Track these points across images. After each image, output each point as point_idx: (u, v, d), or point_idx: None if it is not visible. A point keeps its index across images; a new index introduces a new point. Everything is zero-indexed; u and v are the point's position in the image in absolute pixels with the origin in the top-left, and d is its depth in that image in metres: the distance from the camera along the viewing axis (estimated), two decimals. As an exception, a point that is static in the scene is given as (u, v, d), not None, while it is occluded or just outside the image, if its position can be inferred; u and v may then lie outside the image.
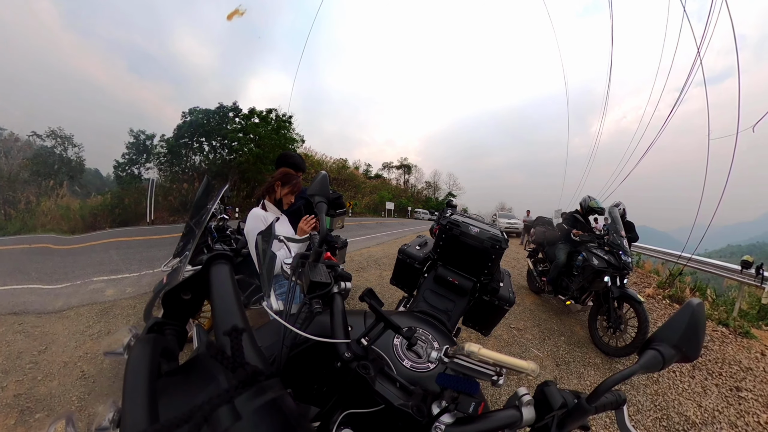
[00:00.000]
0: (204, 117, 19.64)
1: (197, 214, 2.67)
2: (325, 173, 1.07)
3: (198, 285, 0.58)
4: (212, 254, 0.60)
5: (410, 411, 0.58)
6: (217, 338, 0.49)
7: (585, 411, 0.56)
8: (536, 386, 0.60)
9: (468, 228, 1.80)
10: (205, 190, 2.84)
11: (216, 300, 0.53)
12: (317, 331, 0.70)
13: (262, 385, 0.43)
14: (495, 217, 20.78)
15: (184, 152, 19.11)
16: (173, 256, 2.74)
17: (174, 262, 2.68)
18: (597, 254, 4.17)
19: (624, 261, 3.94)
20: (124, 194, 14.76)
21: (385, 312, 0.70)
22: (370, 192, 39.94)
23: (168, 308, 0.57)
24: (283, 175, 2.13)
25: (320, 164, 33.96)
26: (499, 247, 1.74)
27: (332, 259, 0.95)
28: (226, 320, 0.50)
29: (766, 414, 2.95)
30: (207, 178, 2.85)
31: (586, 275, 4.22)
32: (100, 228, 11.47)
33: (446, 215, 2.02)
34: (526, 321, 4.76)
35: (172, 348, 0.50)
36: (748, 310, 5.45)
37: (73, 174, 14.76)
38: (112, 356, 0.49)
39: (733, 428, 2.75)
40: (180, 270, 2.45)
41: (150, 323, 0.54)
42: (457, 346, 0.58)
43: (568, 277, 4.67)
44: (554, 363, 3.64)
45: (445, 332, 1.08)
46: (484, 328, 2.11)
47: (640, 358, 0.59)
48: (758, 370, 3.70)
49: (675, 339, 0.57)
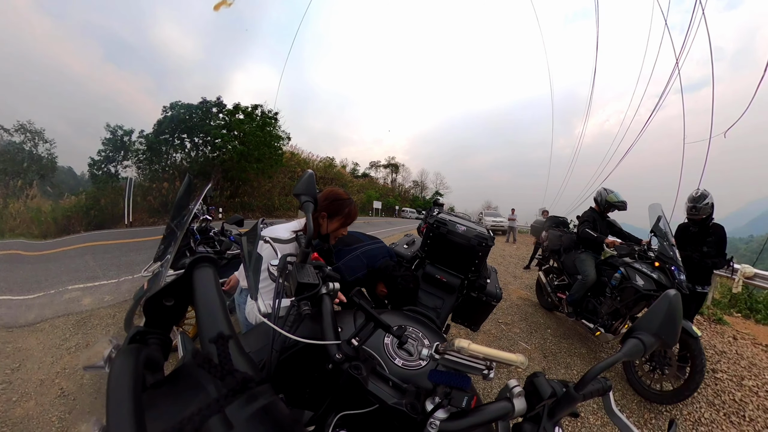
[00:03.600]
0: (186, 112, 18.75)
1: (178, 215, 2.57)
2: (312, 172, 1.06)
3: (181, 290, 0.56)
4: (195, 257, 0.58)
5: (404, 409, 0.58)
6: (203, 346, 0.47)
7: (573, 399, 0.58)
8: (526, 378, 0.62)
9: (455, 226, 1.82)
10: (187, 190, 2.72)
11: (200, 306, 0.52)
12: (307, 333, 0.69)
13: (253, 392, 0.42)
14: (481, 215, 21.08)
15: (165, 149, 18.22)
16: (154, 261, 2.63)
17: (155, 267, 2.58)
18: (641, 271, 3.20)
19: (678, 280, 2.98)
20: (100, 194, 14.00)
21: (374, 311, 0.70)
22: (357, 191, 39.81)
23: (150, 316, 0.55)
24: (330, 203, 1.50)
25: (306, 163, 33.54)
26: (486, 244, 1.78)
27: (319, 259, 0.94)
28: (212, 327, 0.48)
29: (740, 392, 3.16)
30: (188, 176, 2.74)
31: (626, 298, 3.23)
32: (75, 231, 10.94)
33: (433, 214, 2.04)
34: (514, 315, 4.87)
35: (156, 358, 0.48)
36: (720, 299, 5.80)
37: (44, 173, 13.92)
38: (92, 370, 0.47)
39: (711, 407, 2.93)
40: (161, 275, 2.36)
41: (131, 333, 0.52)
42: (448, 343, 0.59)
43: (595, 296, 3.64)
44: (542, 355, 3.74)
45: (434, 329, 1.09)
46: (473, 324, 2.15)
47: (623, 346, 0.63)
48: (731, 353, 3.95)
49: (654, 328, 0.61)
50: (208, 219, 3.29)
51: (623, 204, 3.97)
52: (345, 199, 1.53)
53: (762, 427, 2.75)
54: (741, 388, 3.29)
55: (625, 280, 3.30)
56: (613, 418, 0.63)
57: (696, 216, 3.51)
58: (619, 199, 3.97)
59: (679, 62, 9.01)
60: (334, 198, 1.52)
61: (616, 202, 3.96)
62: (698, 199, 3.51)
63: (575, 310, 3.88)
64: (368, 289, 1.83)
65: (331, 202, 1.51)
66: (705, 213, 3.47)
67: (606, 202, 4.00)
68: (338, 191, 1.57)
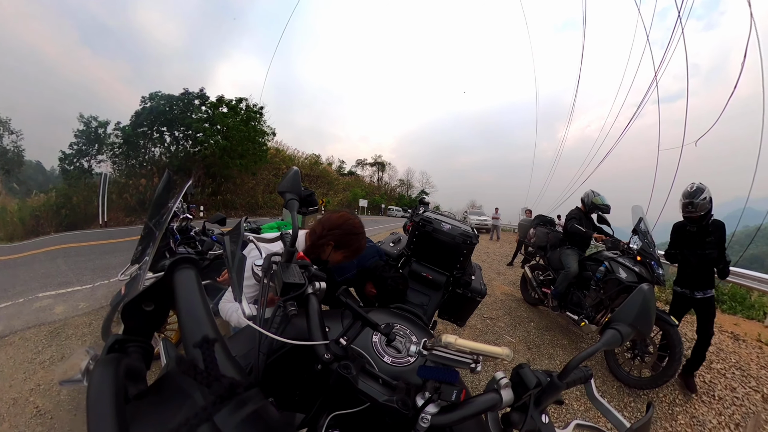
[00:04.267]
0: (166, 103, 17.73)
1: (157, 214, 2.45)
2: (297, 169, 1.04)
3: (161, 294, 0.54)
4: (175, 258, 0.56)
5: (396, 405, 0.59)
6: (187, 352, 0.46)
7: (558, 387, 0.61)
8: (512, 369, 0.64)
9: (440, 225, 1.84)
10: (166, 187, 2.59)
11: (182, 309, 0.50)
12: (294, 334, 0.68)
13: (242, 397, 0.40)
14: (466, 214, 21.48)
15: (143, 143, 17.23)
16: (131, 263, 2.51)
17: (132, 270, 2.47)
18: (624, 264, 3.48)
19: (657, 274, 3.33)
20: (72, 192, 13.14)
21: (361, 310, 0.70)
22: (343, 189, 39.52)
23: (129, 323, 0.52)
24: (342, 234, 1.37)
25: (292, 160, 32.98)
26: (470, 242, 1.81)
27: (305, 258, 0.93)
28: (195, 331, 0.47)
29: (709, 375, 3.46)
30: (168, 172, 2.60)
31: (609, 290, 3.50)
32: (44, 233, 10.33)
33: (419, 213, 2.06)
34: (498, 310, 5.00)
35: (137, 367, 0.46)
36: None
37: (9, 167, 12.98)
38: (69, 385, 0.44)
39: (683, 389, 3.17)
40: (139, 278, 2.26)
41: (110, 342, 0.49)
42: (435, 339, 0.59)
43: (579, 290, 3.89)
44: (526, 347, 3.87)
45: (422, 326, 1.11)
46: (459, 320, 2.19)
47: (602, 337, 0.66)
48: None
49: (630, 319, 0.66)
50: (188, 218, 3.17)
51: (607, 207, 4.22)
52: (359, 234, 1.40)
53: (730, 404, 3.01)
54: (710, 371, 3.56)
55: (609, 273, 3.53)
56: (595, 403, 0.67)
57: (693, 213, 3.08)
58: (604, 202, 4.21)
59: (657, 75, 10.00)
60: (349, 231, 1.38)
61: (601, 204, 4.20)
62: (694, 194, 3.10)
63: (560, 303, 4.05)
64: (356, 289, 1.83)
65: (344, 234, 1.36)
66: (703, 209, 3.04)
67: (592, 204, 4.24)
68: (355, 223, 1.41)
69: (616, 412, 0.63)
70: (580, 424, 0.66)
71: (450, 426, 0.59)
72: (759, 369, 3.79)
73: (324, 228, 1.38)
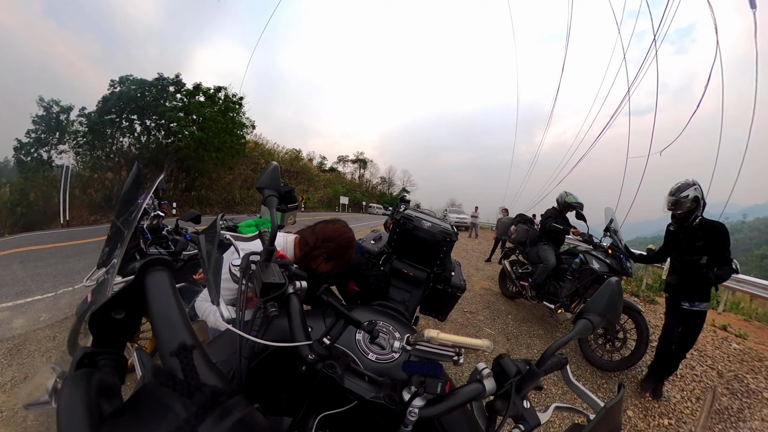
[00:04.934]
0: (138, 89, 16.21)
1: (125, 212, 2.26)
2: (277, 164, 0.99)
3: (132, 300, 0.50)
4: (146, 260, 0.52)
5: (383, 401, 0.59)
6: (163, 361, 0.43)
7: (536, 374, 0.64)
8: (493, 360, 0.66)
9: (421, 222, 1.87)
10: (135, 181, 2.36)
11: (156, 315, 0.47)
12: (276, 336, 0.67)
13: (226, 405, 0.39)
14: (446, 212, 21.93)
15: (110, 132, 15.67)
16: (98, 267, 2.30)
17: (99, 274, 2.27)
18: (597, 257, 3.82)
19: (626, 266, 3.67)
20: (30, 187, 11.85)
21: (344, 308, 0.70)
22: (324, 186, 38.77)
23: (98, 333, 0.48)
24: (336, 247, 1.35)
25: (271, 154, 31.76)
26: (450, 239, 1.85)
27: (284, 257, 0.90)
28: (171, 338, 0.44)
29: None
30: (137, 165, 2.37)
31: (583, 279, 3.82)
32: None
33: (400, 210, 2.07)
34: (477, 305, 5.15)
35: (111, 383, 0.43)
36: (652, 284, 7.17)
37: None
38: (36, 408, 0.40)
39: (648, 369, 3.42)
40: (107, 283, 2.10)
41: (78, 356, 0.45)
42: (418, 334, 0.61)
43: (556, 281, 4.23)
44: (505, 338, 4.02)
45: (404, 322, 1.12)
46: (440, 314, 2.23)
47: (575, 326, 0.70)
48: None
49: (600, 309, 0.71)
50: (160, 215, 2.94)
51: (581, 205, 4.57)
52: (351, 248, 1.39)
53: (690, 381, 3.37)
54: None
55: (584, 264, 3.90)
56: (571, 386, 0.71)
57: (674, 211, 2.82)
58: (577, 200, 4.59)
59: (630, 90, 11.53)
60: (344, 245, 1.36)
61: (574, 203, 4.57)
62: (676, 190, 2.78)
63: (537, 293, 4.39)
64: (338, 287, 1.82)
65: (338, 248, 1.34)
66: (682, 208, 2.75)
67: (565, 203, 4.61)
68: (349, 237, 1.39)
69: (591, 393, 0.67)
70: (559, 407, 0.69)
71: (437, 417, 0.61)
72: (714, 349, 4.20)
73: (318, 239, 1.35)
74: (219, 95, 18.65)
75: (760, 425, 2.77)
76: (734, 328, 5.10)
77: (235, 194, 20.98)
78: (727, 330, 5.01)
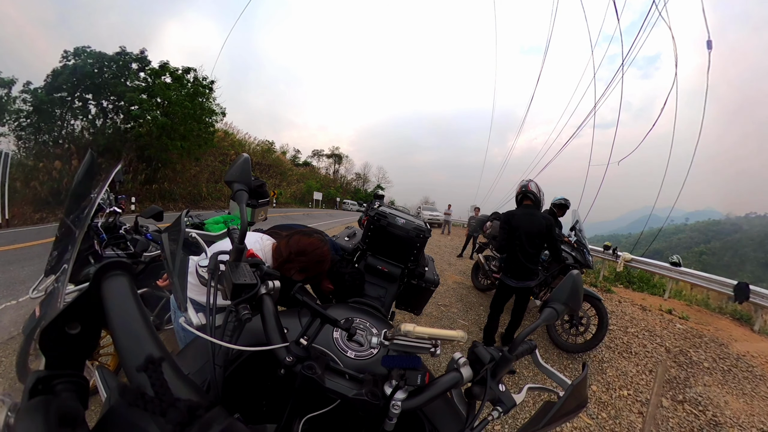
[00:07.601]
0: (96, 63, 13.95)
1: (77, 208, 1.97)
2: (248, 156, 0.93)
3: (88, 311, 0.45)
4: (102, 264, 0.47)
5: (366, 398, 0.59)
6: (129, 378, 0.40)
7: (509, 360, 0.67)
8: (468, 349, 0.69)
9: (395, 219, 1.89)
10: (88, 172, 2.02)
11: (117, 327, 0.43)
12: (250, 340, 0.65)
13: (204, 419, 0.36)
14: (419, 209, 22.19)
15: (60, 113, 13.41)
16: (45, 274, 2.00)
17: (47, 283, 1.99)
18: (564, 250, 4.24)
19: (588, 259, 4.20)
20: None
21: (320, 307, 0.69)
22: (297, 180, 37.40)
23: (51, 353, 0.42)
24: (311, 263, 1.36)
25: (242, 145, 29.80)
26: (423, 236, 1.89)
27: (255, 256, 0.86)
28: (136, 351, 0.41)
29: (626, 337, 4.32)
30: (91, 153, 2.03)
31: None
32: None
33: (374, 207, 2.08)
34: (451, 298, 5.32)
35: (73, 409, 0.37)
36: (608, 276, 8.19)
37: None
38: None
39: (609, 349, 3.94)
40: (58, 293, 1.85)
41: (30, 382, 0.39)
42: (395, 329, 0.62)
43: None
44: (478, 328, 4.20)
45: (381, 318, 1.13)
46: (416, 309, 2.28)
47: (541, 314, 0.75)
48: (618, 312, 5.31)
49: (564, 298, 0.76)
50: (117, 212, 2.58)
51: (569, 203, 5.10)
52: (325, 261, 1.40)
53: (643, 357, 3.84)
54: (626, 334, 4.40)
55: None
56: (541, 368, 0.76)
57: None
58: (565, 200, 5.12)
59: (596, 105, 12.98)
60: (318, 260, 1.37)
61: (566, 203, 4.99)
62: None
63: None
64: (312, 285, 1.79)
65: (311, 262, 1.35)
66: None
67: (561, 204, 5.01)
68: (324, 251, 1.38)
69: (559, 373, 0.72)
70: (532, 387, 0.74)
71: (420, 408, 0.63)
72: (662, 330, 4.77)
73: (292, 252, 1.35)
74: (188, 77, 16.45)
75: (703, 390, 3.29)
76: (678, 312, 5.77)
77: (202, 188, 19.25)
78: (672, 313, 5.68)
